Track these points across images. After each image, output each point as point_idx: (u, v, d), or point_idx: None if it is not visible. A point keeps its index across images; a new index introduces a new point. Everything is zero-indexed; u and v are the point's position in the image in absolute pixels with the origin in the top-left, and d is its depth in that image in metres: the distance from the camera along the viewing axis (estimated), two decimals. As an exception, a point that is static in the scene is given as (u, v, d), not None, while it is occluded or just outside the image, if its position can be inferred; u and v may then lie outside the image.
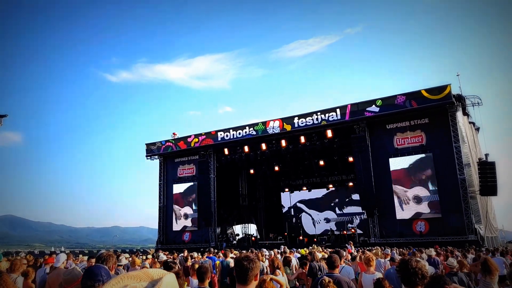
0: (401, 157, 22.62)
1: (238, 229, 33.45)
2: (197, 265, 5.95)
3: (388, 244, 17.96)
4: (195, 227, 28.81)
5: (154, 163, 32.32)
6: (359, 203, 25.86)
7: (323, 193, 33.97)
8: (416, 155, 22.24)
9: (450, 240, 19.05)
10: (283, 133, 26.00)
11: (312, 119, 24.81)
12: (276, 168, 31.42)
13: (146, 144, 31.51)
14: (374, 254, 10.20)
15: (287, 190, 35.98)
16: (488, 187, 20.92)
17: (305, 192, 34.71)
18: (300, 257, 9.31)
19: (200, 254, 13.24)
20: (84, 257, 12.39)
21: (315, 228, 32.16)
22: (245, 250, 15.54)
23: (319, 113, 24.66)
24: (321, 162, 29.46)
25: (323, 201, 33.72)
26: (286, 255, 9.85)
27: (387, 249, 13.03)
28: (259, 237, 32.58)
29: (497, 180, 20.75)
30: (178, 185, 30.50)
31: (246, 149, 27.65)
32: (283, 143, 26.49)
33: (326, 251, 12.59)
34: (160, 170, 31.60)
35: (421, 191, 21.72)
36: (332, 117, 24.20)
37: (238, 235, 32.28)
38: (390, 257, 9.38)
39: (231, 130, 27.68)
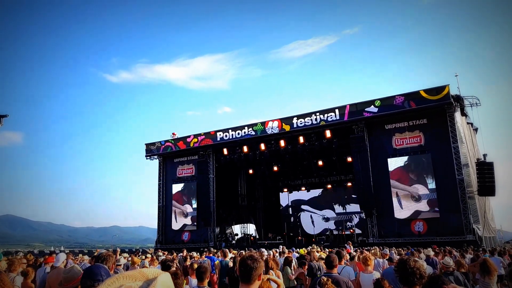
0: (400, 157, 22.68)
1: (237, 229, 33.47)
2: (196, 265, 6.00)
3: (387, 244, 17.99)
4: (195, 226, 28.83)
5: (154, 163, 32.40)
6: (358, 201, 25.88)
7: (322, 192, 33.99)
8: (415, 156, 22.32)
9: (448, 240, 19.08)
10: (282, 133, 26.00)
11: (311, 120, 24.83)
12: (275, 168, 31.42)
13: (146, 144, 31.51)
14: (373, 254, 10.25)
15: (286, 190, 35.98)
16: (486, 188, 20.97)
17: (304, 192, 34.76)
18: (299, 257, 9.35)
19: (199, 254, 13.28)
20: (85, 257, 12.40)
21: (314, 228, 32.11)
22: (244, 250, 15.57)
23: (318, 114, 24.67)
24: (320, 162, 29.49)
25: (322, 200, 33.71)
26: (287, 255, 9.90)
27: (386, 249, 13.08)
28: (258, 237, 32.62)
29: (495, 181, 20.81)
30: (178, 185, 30.55)
31: (245, 149, 27.65)
32: (282, 143, 26.48)
33: (325, 251, 12.63)
34: (160, 170, 31.61)
35: (420, 189, 21.77)
36: (331, 118, 24.22)
37: (237, 235, 32.30)
38: (388, 257, 9.43)
39: (230, 130, 27.68)
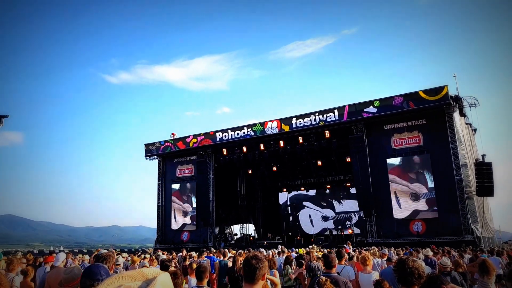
0: (399, 158, 22.73)
1: (236, 229, 33.49)
2: (195, 265, 6.02)
3: (386, 244, 18.02)
4: (194, 225, 28.84)
5: (153, 163, 32.41)
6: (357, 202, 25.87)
7: (321, 191, 34.01)
8: (414, 156, 22.36)
9: (447, 240, 19.12)
10: (281, 134, 26.02)
11: (310, 120, 24.85)
12: (274, 169, 31.42)
13: (145, 145, 31.52)
14: (372, 254, 10.29)
15: (285, 190, 36.01)
16: (485, 188, 21.03)
17: (303, 192, 34.79)
18: (297, 257, 9.37)
19: (199, 254, 13.30)
20: (85, 256, 12.37)
21: (313, 227, 32.14)
22: (243, 250, 15.59)
23: (317, 114, 24.70)
24: (319, 163, 29.51)
25: (321, 199, 33.76)
26: (288, 255, 9.95)
27: (384, 249, 13.12)
28: (257, 237, 32.64)
29: (494, 181, 20.88)
30: (177, 185, 30.57)
31: (244, 150, 27.66)
32: (281, 144, 26.50)
33: (323, 251, 12.67)
34: (159, 170, 31.62)
35: (419, 188, 21.81)
36: (330, 118, 24.25)
37: (236, 235, 32.32)
38: (387, 257, 9.46)
39: (230, 131, 27.70)
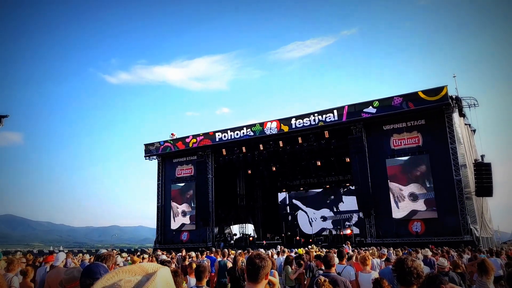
0: (398, 158, 22.76)
1: (236, 229, 33.57)
2: (195, 264, 6.05)
3: (385, 245, 18.07)
4: (193, 224, 28.86)
5: (153, 163, 32.43)
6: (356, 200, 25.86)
7: (320, 191, 34.01)
8: (413, 156, 22.39)
9: (446, 241, 19.15)
10: (281, 134, 26.04)
11: (309, 120, 24.88)
12: (274, 169, 31.44)
13: (145, 145, 31.52)
14: (371, 255, 10.31)
15: (284, 191, 36.04)
16: (484, 188, 21.07)
17: (302, 192, 34.81)
18: (296, 257, 9.38)
19: (200, 254, 13.32)
20: (86, 256, 12.36)
21: (312, 227, 32.15)
22: (242, 250, 15.62)
23: (316, 114, 24.72)
24: (318, 163, 29.51)
25: (320, 199, 33.77)
26: (288, 255, 9.97)
27: (384, 249, 13.16)
28: (256, 237, 32.65)
29: (493, 181, 20.93)
30: (177, 185, 30.59)
31: (244, 150, 27.69)
32: (281, 144, 26.53)
33: (322, 251, 12.70)
34: (159, 170, 31.63)
35: (417, 189, 21.85)
36: (329, 118, 24.27)
37: (236, 235, 32.38)
38: (386, 257, 9.50)
39: (229, 131, 27.72)
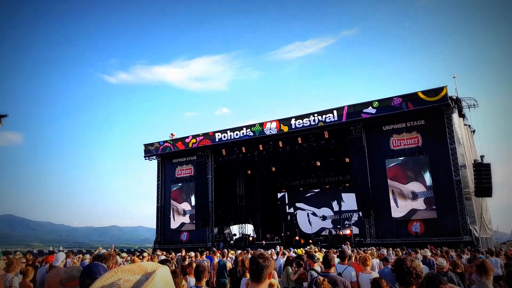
0: (398, 158, 22.79)
1: (235, 229, 33.54)
2: (194, 264, 6.07)
3: (384, 245, 18.08)
4: (193, 224, 28.86)
5: (153, 164, 32.46)
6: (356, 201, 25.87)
7: (320, 191, 34.02)
8: (412, 157, 22.41)
9: (445, 241, 19.18)
10: (280, 134, 26.08)
11: (309, 120, 24.91)
12: (273, 169, 31.45)
13: (145, 145, 31.55)
14: (370, 255, 10.33)
15: (284, 191, 36.06)
16: (483, 189, 21.11)
17: (302, 193, 34.81)
18: (296, 257, 9.40)
19: (200, 254, 13.33)
20: (86, 256, 12.35)
21: (311, 227, 32.14)
22: (241, 250, 15.63)
23: (316, 115, 24.75)
24: (318, 163, 29.53)
25: (320, 198, 33.78)
26: (289, 255, 9.97)
27: (383, 250, 13.16)
28: (256, 237, 32.66)
29: (492, 182, 20.96)
30: (176, 185, 30.60)
31: (244, 150, 27.72)
32: (280, 144, 26.57)
33: (321, 251, 12.70)
34: (158, 171, 31.65)
35: (417, 187, 21.87)
36: (329, 119, 24.30)
37: (235, 235, 32.37)
38: (384, 258, 9.50)
39: (229, 131, 27.75)
